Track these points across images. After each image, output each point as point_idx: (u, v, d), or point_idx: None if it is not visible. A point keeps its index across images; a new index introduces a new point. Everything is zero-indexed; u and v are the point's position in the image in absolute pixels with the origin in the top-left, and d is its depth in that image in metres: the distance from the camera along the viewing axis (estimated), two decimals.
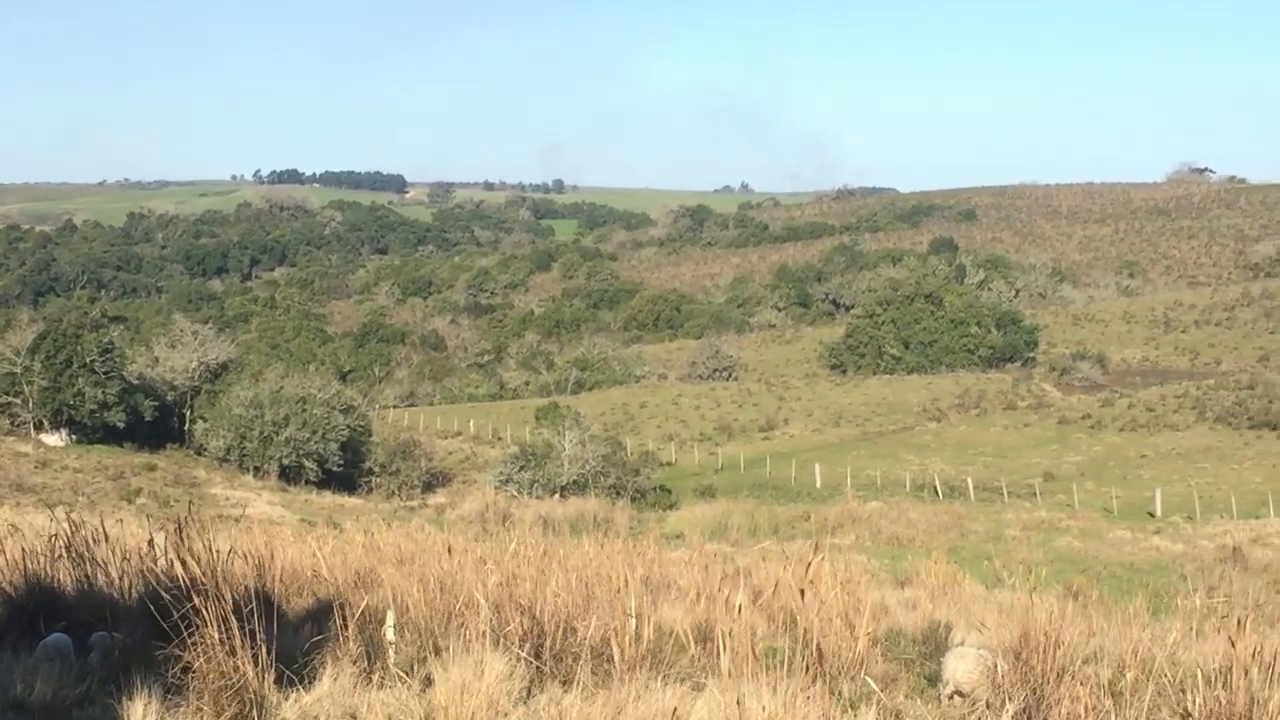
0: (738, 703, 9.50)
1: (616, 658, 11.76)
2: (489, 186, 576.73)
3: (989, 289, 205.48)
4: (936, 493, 79.89)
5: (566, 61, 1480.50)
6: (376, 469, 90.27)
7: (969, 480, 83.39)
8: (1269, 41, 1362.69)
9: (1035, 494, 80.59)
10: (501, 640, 11.89)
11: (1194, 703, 8.64)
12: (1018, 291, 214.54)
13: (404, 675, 11.23)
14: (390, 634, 12.26)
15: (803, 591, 12.25)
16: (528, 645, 12.02)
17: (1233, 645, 8.77)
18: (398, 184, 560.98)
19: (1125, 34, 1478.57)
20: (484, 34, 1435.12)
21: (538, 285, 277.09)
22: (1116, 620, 17.10)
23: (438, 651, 11.70)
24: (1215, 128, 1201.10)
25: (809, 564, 13.07)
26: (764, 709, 9.16)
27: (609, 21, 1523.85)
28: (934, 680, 12.73)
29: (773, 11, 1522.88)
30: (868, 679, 10.93)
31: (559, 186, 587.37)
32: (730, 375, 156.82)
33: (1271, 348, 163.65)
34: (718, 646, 11.29)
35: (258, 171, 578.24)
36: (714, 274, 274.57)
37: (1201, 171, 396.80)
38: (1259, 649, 8.71)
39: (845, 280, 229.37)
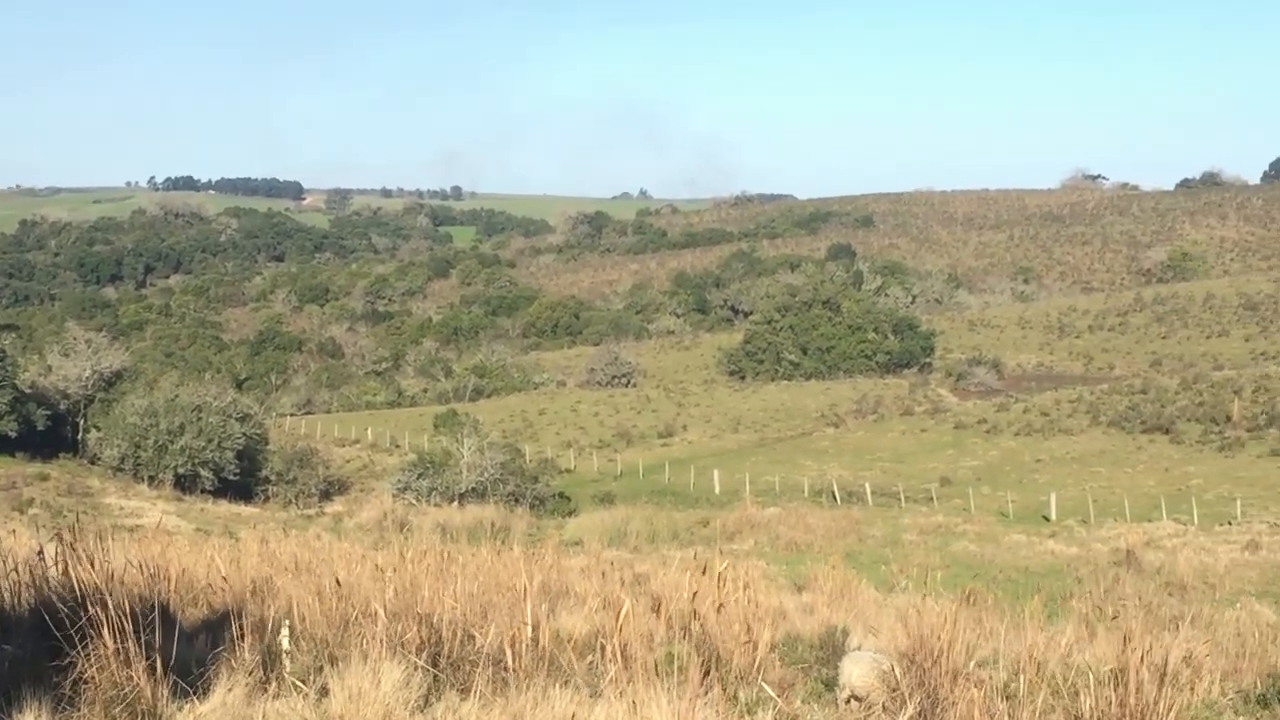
0: (635, 709, 9.52)
1: (514, 665, 11.75)
2: (387, 193, 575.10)
3: (886, 295, 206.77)
4: (834, 498, 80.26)
5: (463, 68, 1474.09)
6: (273, 477, 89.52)
7: (867, 485, 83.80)
8: (1160, 50, 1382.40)
9: (932, 499, 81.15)
10: (399, 649, 11.85)
11: (1086, 704, 8.75)
12: (914, 297, 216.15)
13: (300, 685, 11.17)
14: (286, 643, 12.18)
15: (699, 596, 12.29)
16: (425, 653, 11.98)
17: (1124, 648, 8.87)
18: (294, 191, 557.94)
19: (1019, 42, 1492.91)
20: (380, 40, 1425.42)
21: (436, 292, 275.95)
22: (1011, 624, 17.24)
23: (334, 661, 11.66)
24: (1108, 135, 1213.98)
25: (707, 570, 13.12)
26: (661, 715, 9.18)
27: (504, 28, 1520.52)
28: (831, 685, 12.79)
29: (670, 18, 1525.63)
30: (764, 684, 10.99)
31: (457, 193, 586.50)
32: (629, 382, 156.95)
33: (1164, 352, 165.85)
34: (616, 653, 11.30)
35: (152, 178, 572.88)
36: (613, 280, 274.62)
37: (1095, 178, 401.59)
38: (1149, 651, 8.82)
39: (744, 286, 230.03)
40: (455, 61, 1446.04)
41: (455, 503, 73.58)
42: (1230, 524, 66.28)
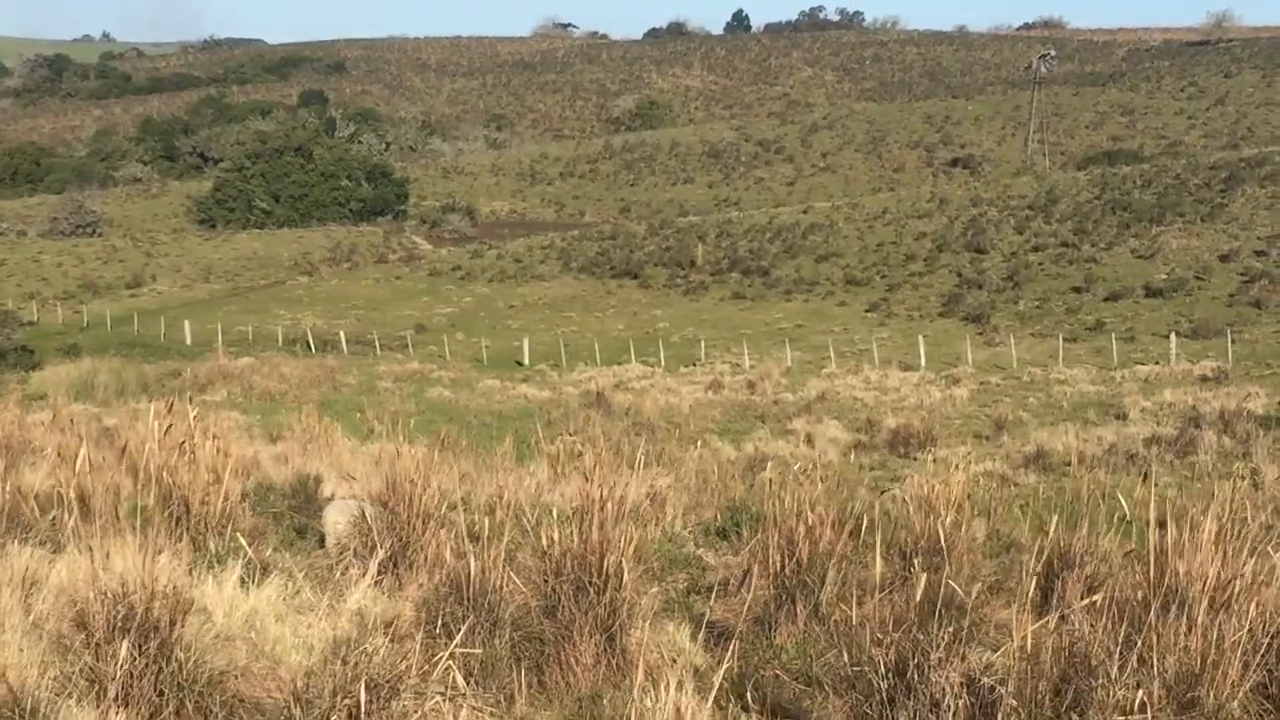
0: (99, 561, 9.30)
1: None
2: None
3: (359, 142, 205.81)
4: (309, 347, 79.83)
5: None
6: None
7: (342, 334, 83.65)
8: None
9: (408, 346, 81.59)
10: None
11: (549, 540, 8.99)
12: (388, 145, 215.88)
13: None
14: None
15: (166, 447, 12.05)
16: None
17: (588, 485, 9.13)
18: None
19: None
20: None
21: None
22: (485, 467, 17.58)
23: None
24: None
25: (174, 420, 12.87)
26: (126, 565, 8.98)
27: None
28: (303, 532, 12.79)
29: None
30: (237, 534, 10.87)
31: None
32: (94, 231, 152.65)
33: (632, 199, 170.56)
34: (74, 504, 11.00)
35: None
36: (75, 126, 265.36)
37: (565, 27, 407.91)
38: (612, 488, 9.10)
39: (213, 133, 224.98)
40: None
41: None
42: (695, 365, 68.86)
